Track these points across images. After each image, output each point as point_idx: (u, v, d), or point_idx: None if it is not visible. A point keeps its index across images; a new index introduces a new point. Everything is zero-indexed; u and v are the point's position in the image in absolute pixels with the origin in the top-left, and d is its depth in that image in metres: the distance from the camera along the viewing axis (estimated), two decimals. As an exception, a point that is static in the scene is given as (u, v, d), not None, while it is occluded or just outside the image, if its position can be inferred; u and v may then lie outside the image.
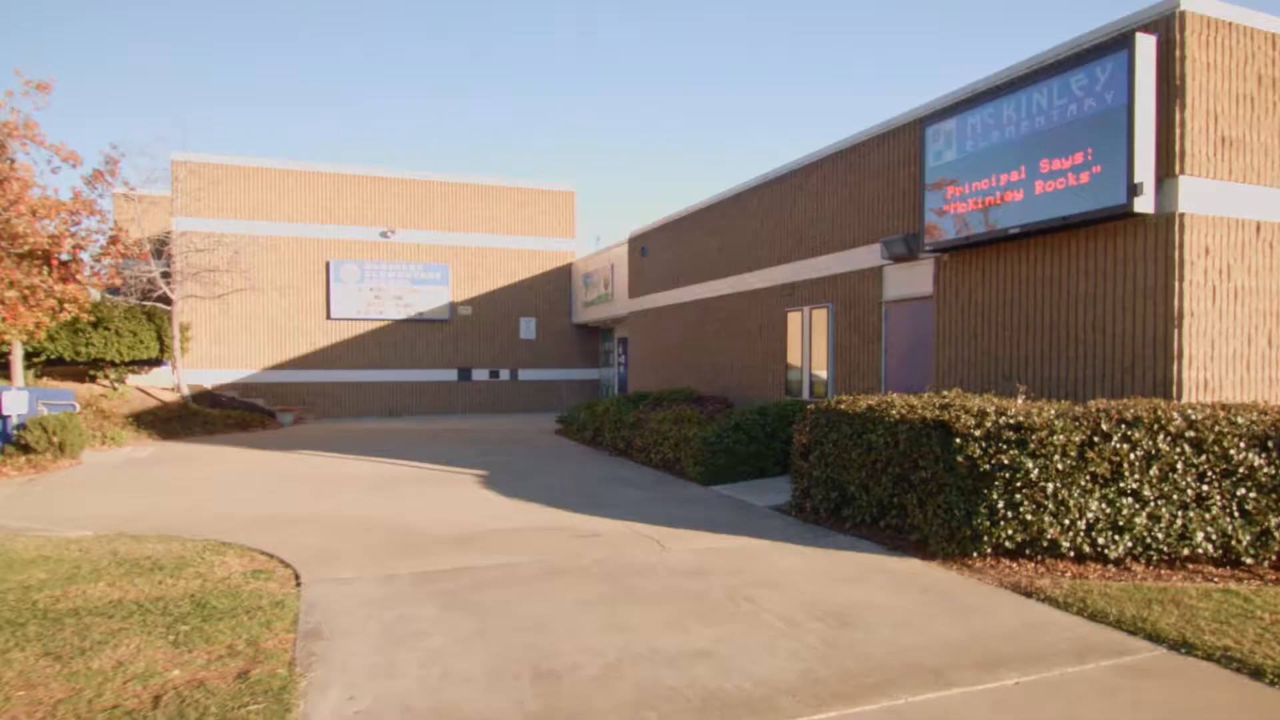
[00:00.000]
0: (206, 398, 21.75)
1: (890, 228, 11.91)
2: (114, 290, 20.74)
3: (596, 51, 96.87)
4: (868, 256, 12.39)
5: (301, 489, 11.20)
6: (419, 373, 25.12)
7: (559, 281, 26.88)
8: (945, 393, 8.16)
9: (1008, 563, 6.78)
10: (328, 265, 24.05)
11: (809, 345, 13.95)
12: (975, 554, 6.87)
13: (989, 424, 6.81)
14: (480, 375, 25.90)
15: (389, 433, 19.63)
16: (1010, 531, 6.68)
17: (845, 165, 13.11)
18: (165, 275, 20.77)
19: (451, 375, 25.55)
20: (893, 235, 11.63)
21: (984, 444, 6.76)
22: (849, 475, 8.25)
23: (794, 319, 14.39)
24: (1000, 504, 6.66)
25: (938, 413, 7.21)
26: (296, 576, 6.65)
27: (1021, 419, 6.75)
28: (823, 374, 13.56)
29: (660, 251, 20.40)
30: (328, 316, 24.12)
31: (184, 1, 74.64)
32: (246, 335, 23.38)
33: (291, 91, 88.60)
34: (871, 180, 12.45)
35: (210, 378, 22.81)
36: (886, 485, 7.73)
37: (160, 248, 22.16)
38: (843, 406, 8.45)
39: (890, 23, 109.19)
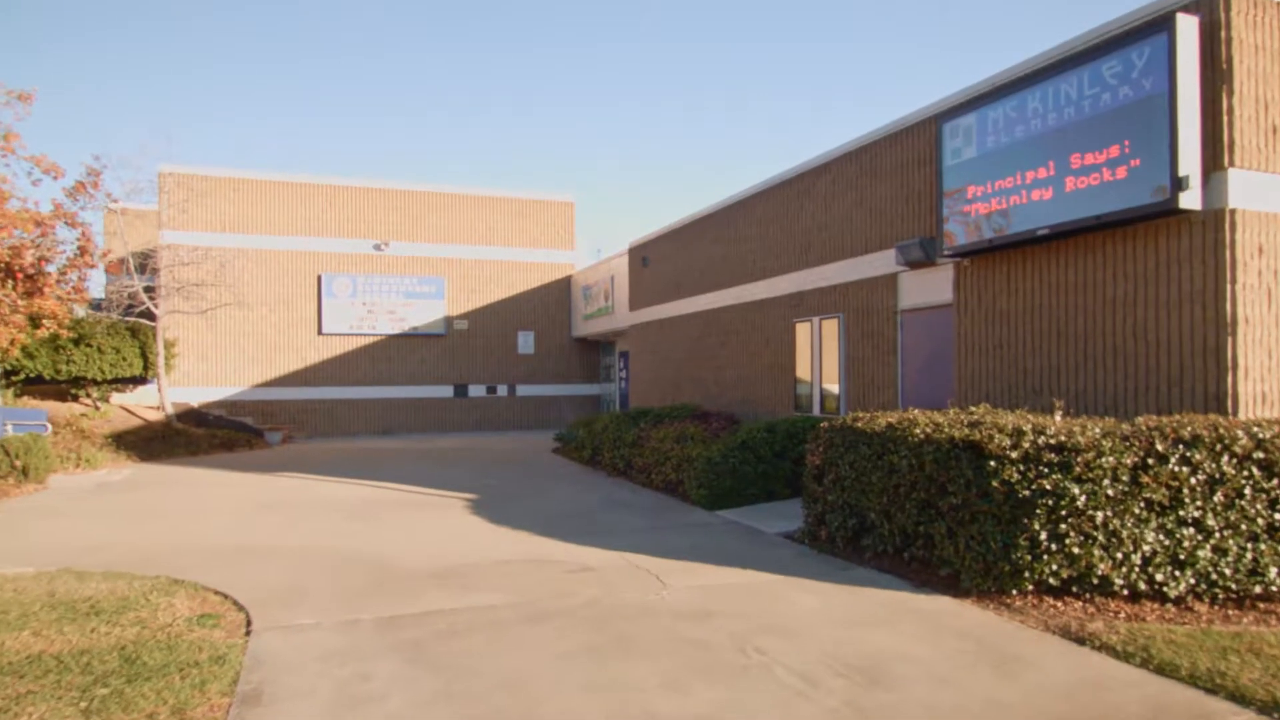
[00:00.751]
0: (192, 416, 21.02)
1: (905, 232, 11.19)
2: (96, 306, 20.08)
3: (597, 58, 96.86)
4: (881, 263, 11.65)
5: (278, 515, 10.47)
6: (413, 389, 24.35)
7: (558, 294, 26.15)
8: (973, 409, 7.40)
9: (1052, 601, 5.99)
10: (319, 279, 23.38)
11: (819, 358, 13.19)
12: (1015, 591, 6.09)
13: (1027, 444, 6.06)
14: (477, 391, 25.12)
15: (380, 452, 18.88)
16: (1055, 566, 5.90)
17: (856, 167, 12.40)
18: (149, 290, 20.12)
19: (447, 391, 24.79)
20: (908, 240, 10.89)
21: (1022, 467, 6.00)
22: (868, 501, 7.48)
23: (803, 330, 13.65)
24: (1043, 535, 5.89)
25: (967, 432, 6.46)
26: (248, 622, 5.91)
27: (1064, 439, 5.99)
28: (834, 388, 12.80)
29: (662, 262, 19.68)
30: (319, 332, 23.42)
31: (177, 6, 74.71)
32: (235, 352, 22.68)
33: (286, 102, 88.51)
34: (884, 182, 11.73)
35: (197, 395, 22.09)
36: (911, 512, 6.96)
37: (145, 261, 21.52)
38: (860, 424, 7.70)
39: (893, 27, 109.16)
